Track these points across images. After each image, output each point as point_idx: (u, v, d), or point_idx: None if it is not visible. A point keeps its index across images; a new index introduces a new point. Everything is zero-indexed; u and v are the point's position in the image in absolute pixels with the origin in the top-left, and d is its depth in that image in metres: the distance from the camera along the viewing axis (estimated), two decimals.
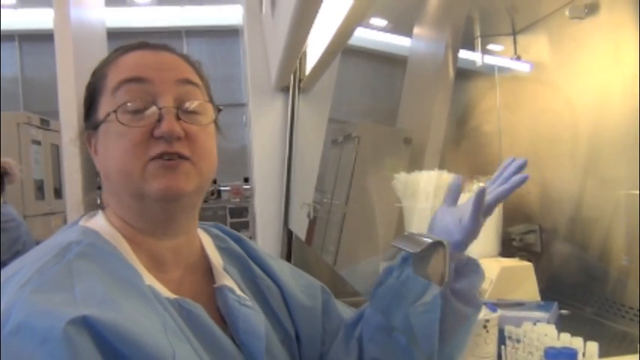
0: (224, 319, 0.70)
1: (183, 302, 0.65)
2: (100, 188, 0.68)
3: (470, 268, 0.73)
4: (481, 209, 0.68)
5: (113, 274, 0.60)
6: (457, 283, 0.71)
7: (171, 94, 0.67)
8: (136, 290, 0.60)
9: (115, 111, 0.65)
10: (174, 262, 0.71)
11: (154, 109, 0.66)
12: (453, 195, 0.77)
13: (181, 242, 0.72)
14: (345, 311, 0.85)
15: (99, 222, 0.69)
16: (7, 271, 0.60)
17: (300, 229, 2.75)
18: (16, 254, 2.50)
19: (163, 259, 0.69)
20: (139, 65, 0.68)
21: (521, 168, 0.70)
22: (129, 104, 0.65)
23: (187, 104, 0.68)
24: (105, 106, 0.67)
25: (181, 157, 0.65)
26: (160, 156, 0.64)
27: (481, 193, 0.67)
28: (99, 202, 0.72)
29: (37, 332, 0.51)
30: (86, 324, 0.53)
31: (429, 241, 0.68)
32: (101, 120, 0.67)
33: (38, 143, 4.29)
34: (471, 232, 0.69)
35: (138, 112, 0.65)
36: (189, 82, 0.70)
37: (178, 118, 0.66)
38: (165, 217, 0.68)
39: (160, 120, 0.65)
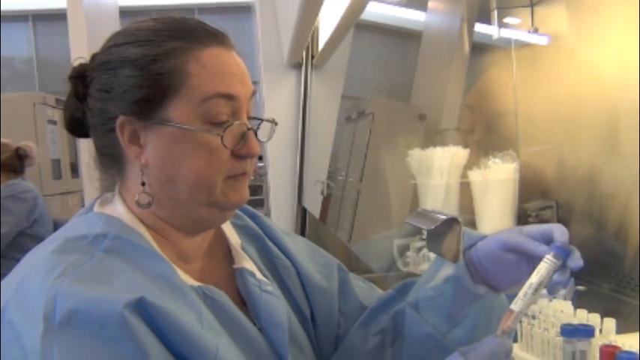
0: (243, 300, 0.70)
1: (207, 290, 0.64)
2: (143, 184, 0.64)
3: None
4: None
5: (145, 270, 0.59)
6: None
7: (245, 110, 0.67)
8: (170, 285, 0.59)
9: (219, 129, 0.63)
10: (198, 253, 0.71)
11: (241, 127, 0.65)
12: None
13: (205, 234, 0.72)
14: (362, 287, 0.85)
15: (118, 209, 0.66)
16: (25, 263, 0.59)
17: (313, 206, 2.75)
18: (34, 223, 2.63)
19: (188, 251, 0.69)
20: (230, 77, 0.65)
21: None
22: (222, 120, 0.63)
23: (264, 124, 0.69)
24: (181, 109, 0.63)
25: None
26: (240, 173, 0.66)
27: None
28: (117, 187, 0.69)
29: (93, 318, 0.51)
30: (141, 308, 0.53)
31: (444, 217, 0.67)
32: (171, 122, 0.63)
33: (54, 123, 4.30)
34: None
35: (221, 125, 0.64)
36: (254, 94, 0.69)
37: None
38: (219, 222, 0.71)
39: (243, 139, 0.65)
